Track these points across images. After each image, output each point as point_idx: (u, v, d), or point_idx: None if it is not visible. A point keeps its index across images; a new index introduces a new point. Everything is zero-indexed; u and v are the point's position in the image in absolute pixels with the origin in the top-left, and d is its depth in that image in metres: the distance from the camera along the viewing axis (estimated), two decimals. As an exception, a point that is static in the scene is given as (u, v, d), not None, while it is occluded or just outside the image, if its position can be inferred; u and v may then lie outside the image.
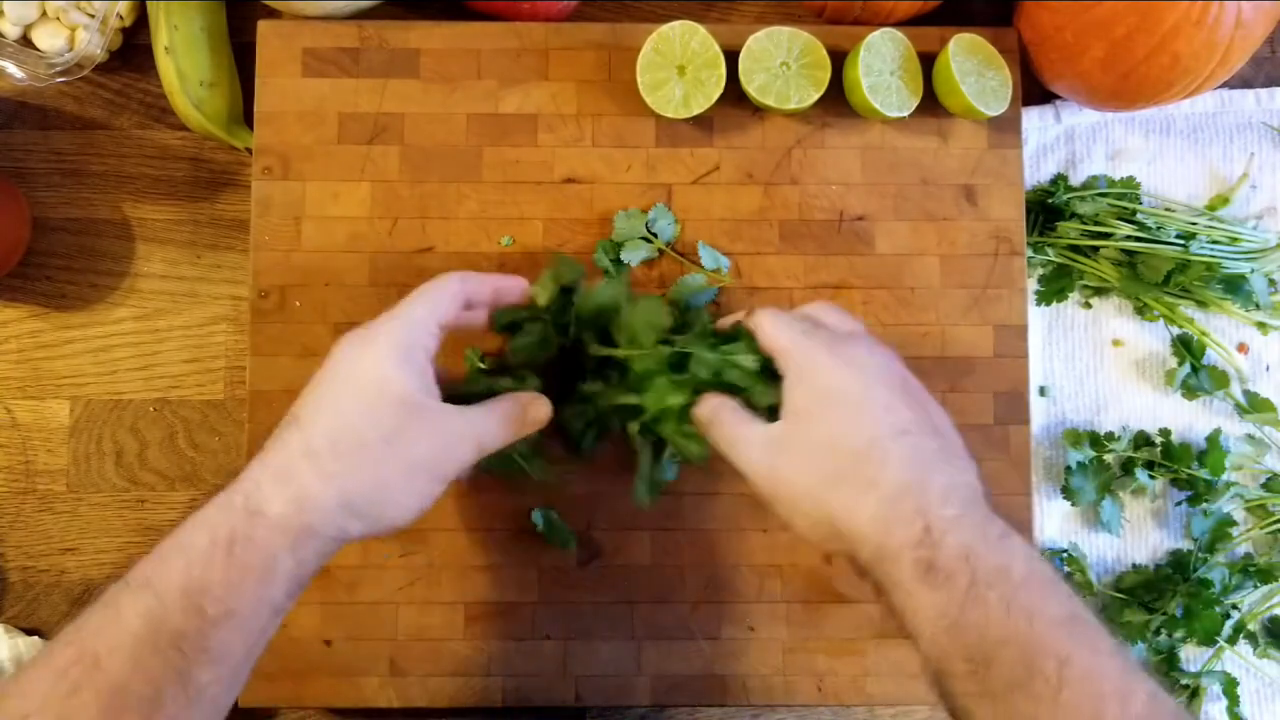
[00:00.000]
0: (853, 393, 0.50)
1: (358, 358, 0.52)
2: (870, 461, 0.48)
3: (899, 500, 0.46)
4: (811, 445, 0.50)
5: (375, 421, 0.50)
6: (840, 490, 0.48)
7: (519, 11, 0.70)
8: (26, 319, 0.71)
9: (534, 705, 0.66)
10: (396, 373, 0.51)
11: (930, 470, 0.47)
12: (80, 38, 0.67)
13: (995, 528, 0.46)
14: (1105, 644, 0.43)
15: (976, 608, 0.43)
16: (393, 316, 0.53)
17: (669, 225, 0.68)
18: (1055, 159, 0.74)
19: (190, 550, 0.46)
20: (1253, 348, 0.73)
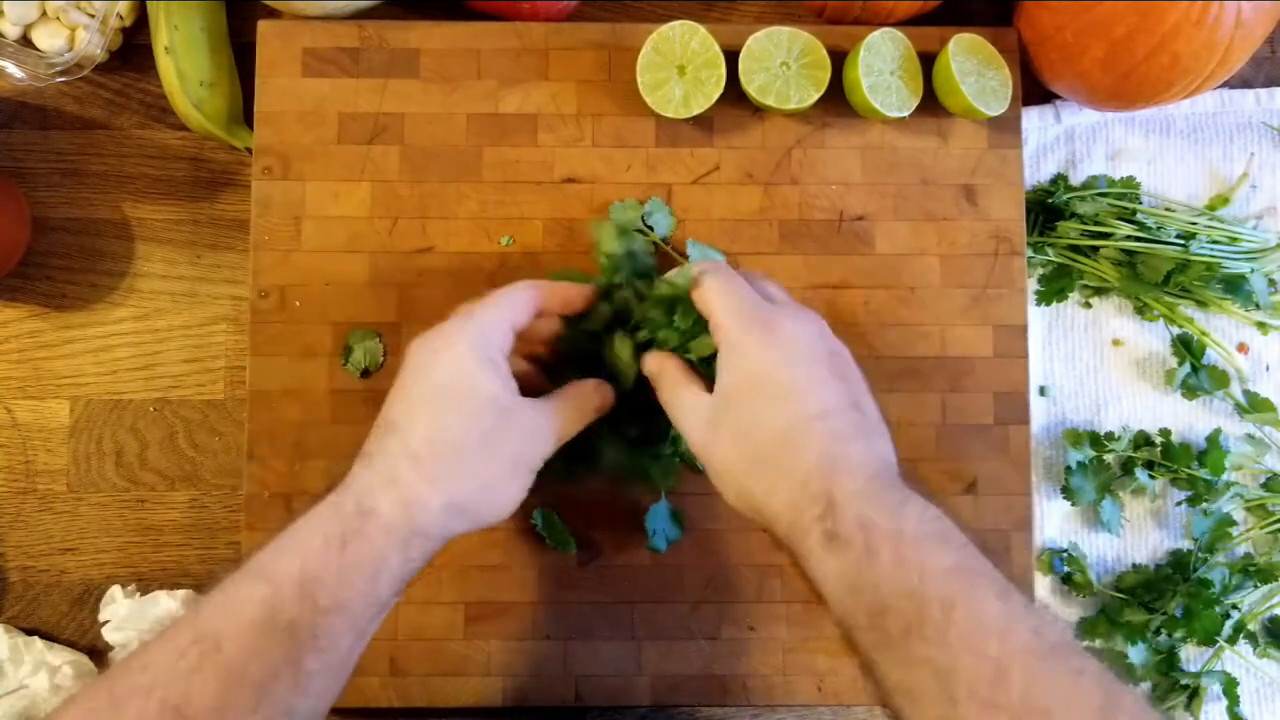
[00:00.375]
0: (778, 379, 0.52)
1: (442, 362, 0.53)
2: (789, 449, 0.51)
3: (810, 482, 0.50)
4: (737, 429, 0.52)
5: (470, 424, 0.52)
6: (761, 476, 0.51)
7: (519, 11, 0.70)
8: (26, 319, 0.71)
9: (534, 705, 0.66)
10: (482, 375, 0.53)
11: (842, 449, 0.50)
12: (80, 38, 0.67)
13: (894, 495, 0.49)
14: (990, 589, 0.46)
15: (872, 568, 0.47)
16: (469, 319, 0.55)
17: (665, 219, 0.68)
18: (1055, 159, 0.74)
19: (306, 546, 0.49)
20: (1253, 348, 0.73)
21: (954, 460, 0.68)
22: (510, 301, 0.56)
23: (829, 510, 0.49)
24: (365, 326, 0.68)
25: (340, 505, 0.51)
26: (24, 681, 0.66)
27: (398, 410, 0.53)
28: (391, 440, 0.52)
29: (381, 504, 0.50)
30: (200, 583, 0.70)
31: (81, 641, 0.70)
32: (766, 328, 0.53)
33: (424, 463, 0.51)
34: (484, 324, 0.55)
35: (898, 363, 0.69)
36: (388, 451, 0.52)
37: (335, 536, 0.49)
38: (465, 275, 0.68)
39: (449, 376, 0.53)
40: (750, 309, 0.54)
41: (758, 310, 0.54)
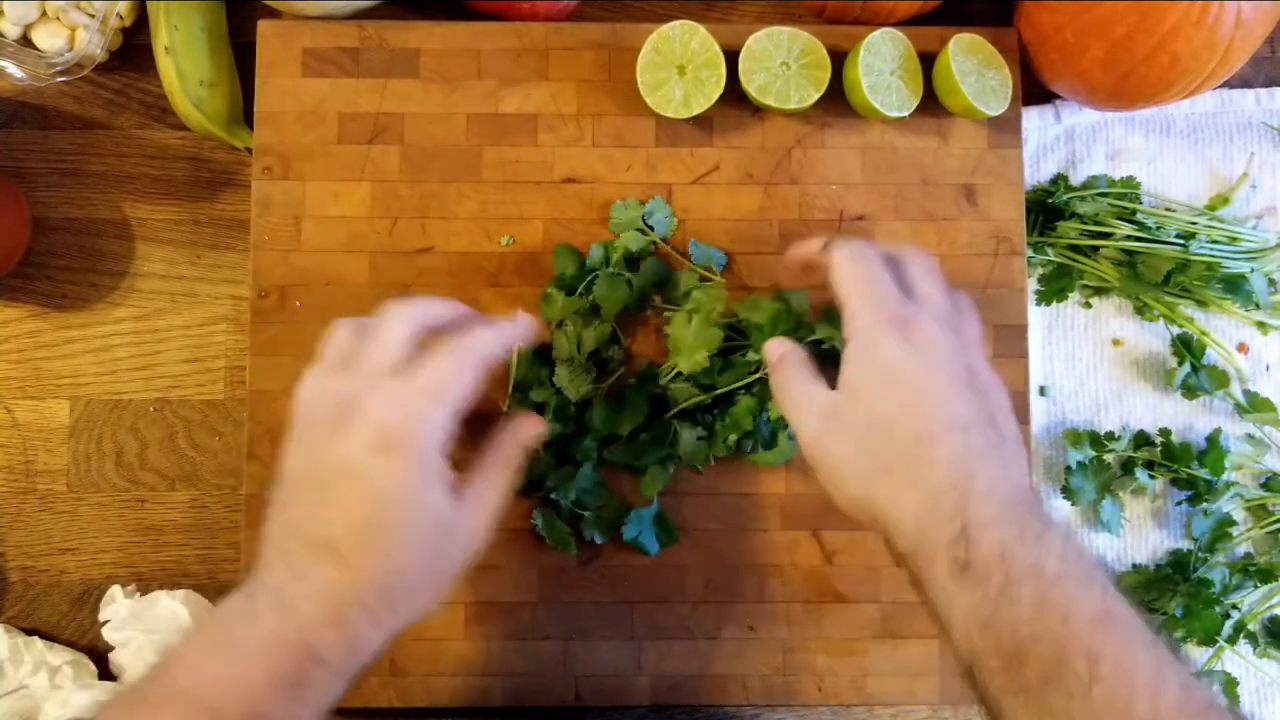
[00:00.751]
0: (912, 379, 0.49)
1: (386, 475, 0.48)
2: (919, 457, 0.48)
3: (941, 499, 0.46)
4: (862, 427, 0.50)
5: (417, 555, 0.49)
6: (885, 481, 0.48)
7: (519, 11, 0.70)
8: (26, 319, 0.71)
9: (534, 705, 0.66)
10: (428, 497, 0.49)
11: (977, 467, 0.47)
12: (80, 38, 0.67)
13: (1034, 525, 0.46)
14: (1138, 639, 0.43)
15: (1009, 606, 0.43)
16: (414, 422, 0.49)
17: (666, 219, 0.68)
18: (1055, 159, 0.74)
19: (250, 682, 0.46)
20: (1253, 348, 0.73)
21: (954, 460, 0.68)
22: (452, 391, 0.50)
23: (962, 535, 0.45)
24: (365, 326, 0.68)
25: (283, 635, 0.46)
26: (24, 681, 0.66)
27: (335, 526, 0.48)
28: (334, 571, 0.47)
29: (329, 649, 0.47)
30: (200, 583, 0.70)
31: (81, 641, 0.70)
32: (905, 326, 0.50)
33: (372, 608, 0.48)
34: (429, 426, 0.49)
35: (898, 363, 0.68)
36: (331, 583, 0.47)
37: (285, 677, 0.46)
38: (465, 275, 0.68)
39: (394, 498, 0.48)
40: (889, 301, 0.51)
41: (898, 306, 0.51)
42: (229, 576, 0.70)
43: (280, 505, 0.51)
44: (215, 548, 0.70)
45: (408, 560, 0.49)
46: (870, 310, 0.51)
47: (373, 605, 0.48)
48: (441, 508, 0.50)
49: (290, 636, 0.47)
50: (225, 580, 0.70)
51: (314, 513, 0.49)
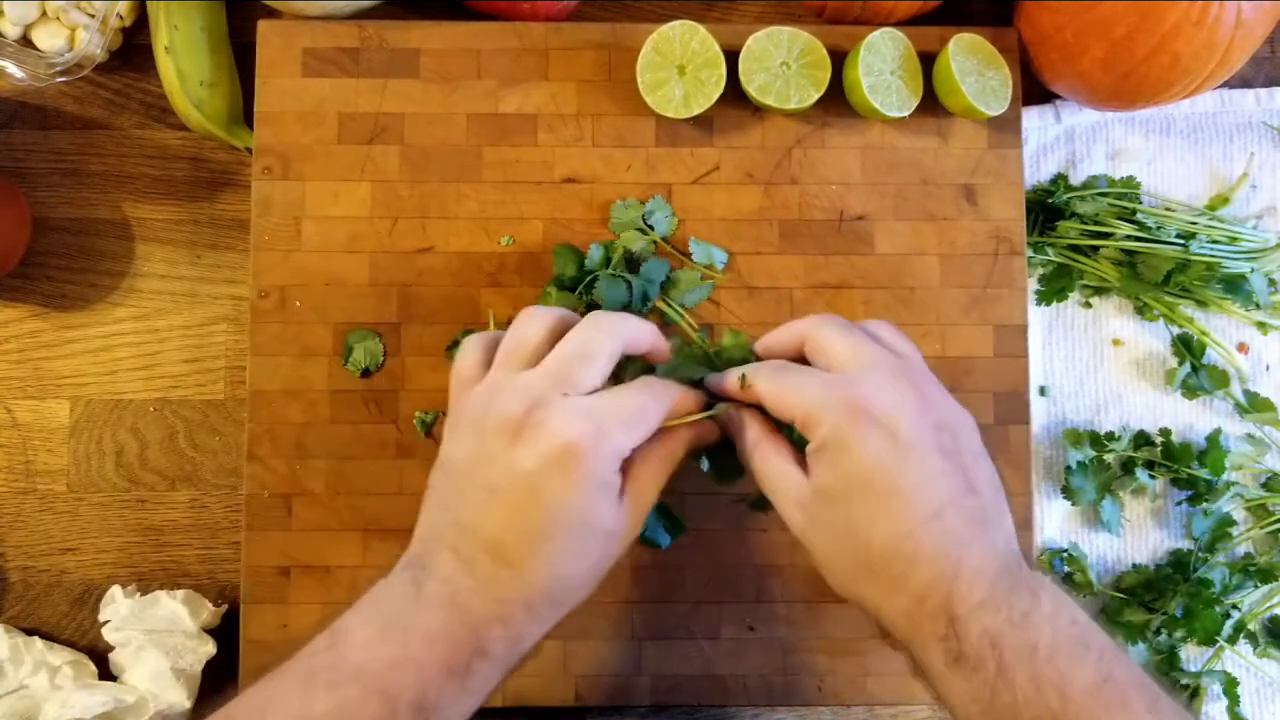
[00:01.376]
0: (883, 479, 0.47)
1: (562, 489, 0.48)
2: (900, 558, 0.46)
3: (927, 596, 0.46)
4: (840, 531, 0.48)
5: (585, 563, 0.50)
6: (870, 582, 0.48)
7: (519, 11, 0.70)
8: (26, 319, 0.71)
9: (534, 705, 0.66)
10: (602, 510, 0.49)
11: (961, 553, 0.46)
12: (80, 38, 0.67)
13: (1023, 599, 0.45)
14: (1139, 702, 0.43)
15: (1006, 691, 0.43)
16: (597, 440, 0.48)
17: (666, 219, 0.68)
18: (1055, 159, 0.74)
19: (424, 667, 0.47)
20: (1253, 348, 0.73)
21: (954, 460, 0.68)
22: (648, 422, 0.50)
23: (951, 628, 0.45)
24: (365, 326, 0.68)
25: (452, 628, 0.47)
26: (24, 681, 0.66)
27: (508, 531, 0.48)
28: (505, 573, 0.48)
29: (495, 643, 0.48)
30: (200, 583, 0.70)
31: (81, 641, 0.70)
32: (860, 414, 0.47)
33: (538, 611, 0.49)
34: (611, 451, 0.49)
35: (898, 363, 0.68)
36: (501, 584, 0.48)
37: (455, 667, 0.47)
38: (465, 275, 0.68)
39: (567, 513, 0.48)
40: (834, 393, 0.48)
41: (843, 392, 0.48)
42: (229, 576, 0.70)
43: (446, 496, 0.51)
44: (215, 548, 0.70)
45: (575, 571, 0.50)
46: (820, 407, 0.48)
47: (539, 609, 0.49)
48: (610, 517, 0.50)
49: (459, 630, 0.48)
50: (225, 580, 0.70)
51: (487, 514, 0.49)
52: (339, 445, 0.67)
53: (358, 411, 0.67)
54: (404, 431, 0.67)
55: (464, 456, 0.51)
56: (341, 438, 0.67)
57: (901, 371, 0.50)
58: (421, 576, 0.49)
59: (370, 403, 0.67)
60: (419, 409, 0.67)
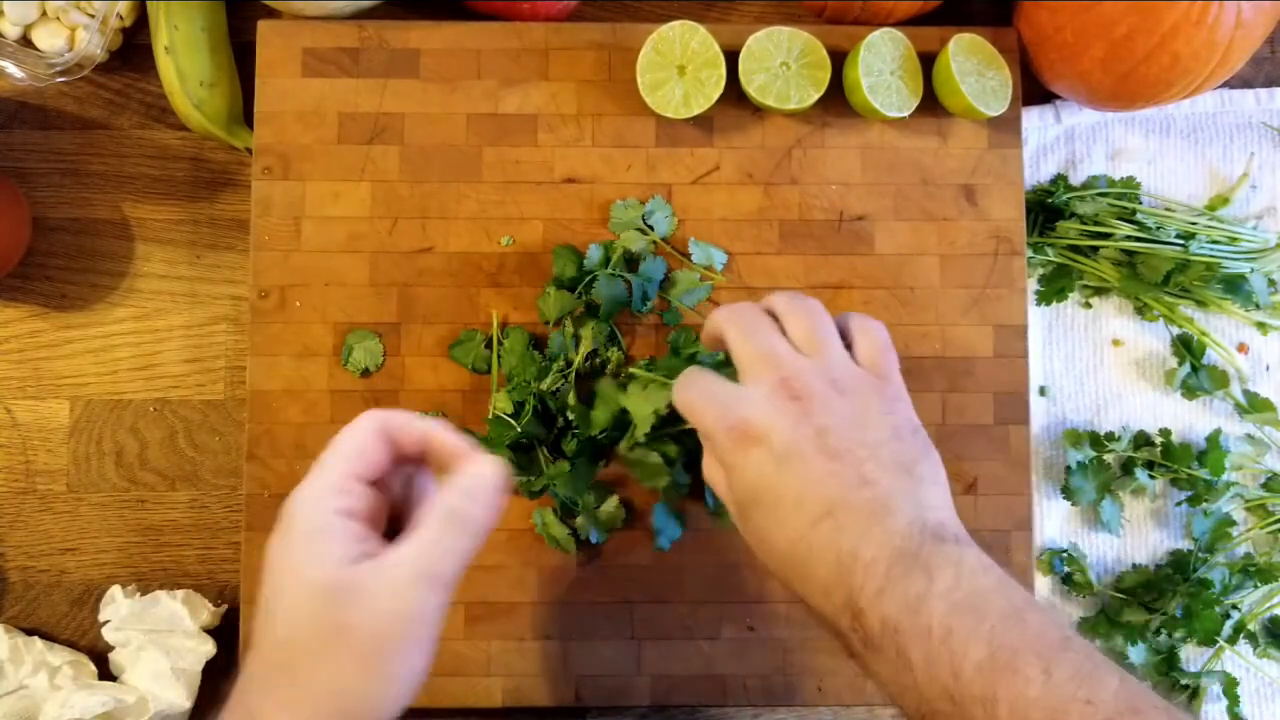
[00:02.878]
0: (766, 492, 0.49)
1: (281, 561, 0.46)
2: (800, 562, 0.49)
3: (831, 593, 0.48)
4: (754, 540, 0.51)
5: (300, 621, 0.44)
6: (789, 582, 0.50)
7: (519, 11, 0.70)
8: (26, 319, 0.71)
9: (534, 705, 0.66)
10: (312, 558, 0.45)
11: (853, 546, 0.47)
12: (80, 38, 0.67)
13: (916, 583, 0.45)
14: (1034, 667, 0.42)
15: (908, 673, 0.45)
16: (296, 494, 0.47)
17: (666, 219, 0.68)
18: (1055, 159, 0.74)
19: None
20: (1253, 348, 0.73)
21: (954, 460, 0.68)
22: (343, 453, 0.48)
23: (856, 620, 0.46)
24: (365, 326, 0.68)
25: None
26: (24, 681, 0.66)
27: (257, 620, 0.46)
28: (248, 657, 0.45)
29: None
30: (200, 583, 0.70)
31: (81, 641, 0.70)
32: (739, 433, 0.50)
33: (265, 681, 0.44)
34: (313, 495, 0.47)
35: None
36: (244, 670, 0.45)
37: None
38: (465, 275, 0.68)
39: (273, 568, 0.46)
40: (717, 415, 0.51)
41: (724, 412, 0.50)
42: (229, 576, 0.70)
43: None
44: (215, 548, 0.70)
45: (288, 626, 0.44)
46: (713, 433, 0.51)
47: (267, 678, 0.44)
48: (333, 569, 0.44)
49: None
50: (225, 580, 0.70)
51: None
52: (339, 445, 0.67)
53: (358, 411, 0.66)
54: (404, 431, 0.67)
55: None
56: (341, 438, 0.67)
57: (786, 381, 0.50)
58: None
59: (370, 403, 0.67)
60: (419, 409, 0.67)
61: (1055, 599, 0.71)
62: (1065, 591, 0.71)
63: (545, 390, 0.65)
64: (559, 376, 0.65)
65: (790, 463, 0.49)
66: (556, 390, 0.65)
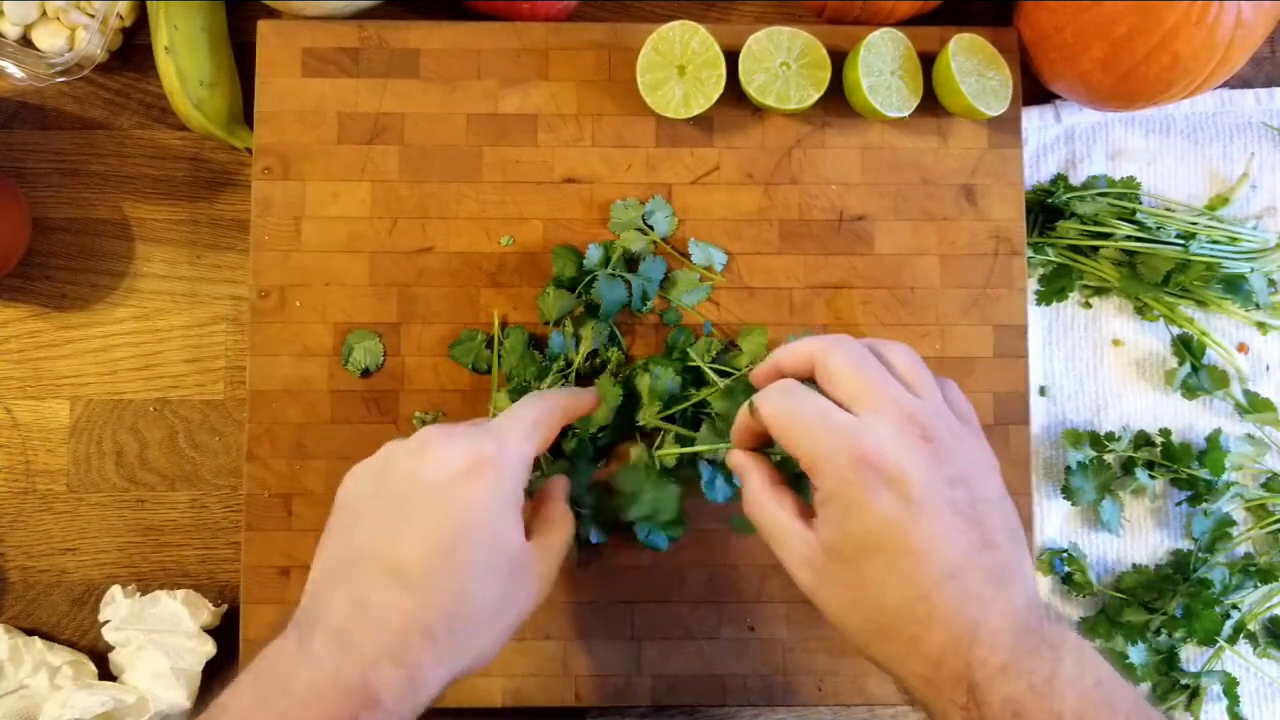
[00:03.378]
0: (895, 538, 0.44)
1: (469, 497, 0.47)
2: (914, 621, 0.44)
3: (944, 662, 0.44)
4: (852, 592, 0.46)
5: (489, 589, 0.47)
6: (885, 644, 0.46)
7: (519, 11, 0.70)
8: (26, 319, 0.71)
9: (534, 705, 0.66)
10: (507, 527, 0.48)
11: (979, 615, 0.44)
12: (80, 38, 0.67)
13: (1045, 661, 0.43)
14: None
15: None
16: (499, 442, 0.49)
17: (666, 219, 0.68)
18: (1055, 159, 0.74)
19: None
20: (1253, 348, 0.73)
21: (954, 460, 0.68)
22: (544, 422, 0.52)
23: (971, 696, 0.43)
24: (365, 326, 0.68)
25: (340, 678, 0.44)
26: (24, 681, 0.66)
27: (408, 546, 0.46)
28: (400, 596, 0.46)
29: (388, 689, 0.44)
30: (200, 583, 0.70)
31: (81, 642, 0.70)
32: (868, 468, 0.45)
33: (438, 641, 0.46)
34: (517, 456, 0.49)
35: (898, 363, 0.69)
36: (396, 610, 0.45)
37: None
38: (465, 275, 0.68)
39: (475, 521, 0.47)
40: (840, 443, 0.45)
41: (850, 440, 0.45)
42: (229, 576, 0.70)
43: (344, 530, 0.49)
44: (215, 548, 0.70)
45: (479, 591, 0.47)
46: (826, 459, 0.46)
47: (438, 636, 0.46)
48: (518, 542, 0.48)
49: (346, 680, 0.44)
50: (225, 580, 0.70)
51: (385, 531, 0.47)
52: (339, 445, 0.67)
53: (358, 411, 0.67)
54: (404, 431, 0.67)
55: (367, 485, 0.50)
56: (341, 438, 0.67)
57: (913, 418, 0.46)
58: (307, 630, 0.46)
59: (370, 403, 0.67)
60: (419, 409, 0.67)
61: (1055, 599, 0.71)
62: (1065, 591, 0.71)
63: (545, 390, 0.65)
64: (559, 376, 0.65)
65: (923, 512, 0.44)
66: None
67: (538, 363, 0.66)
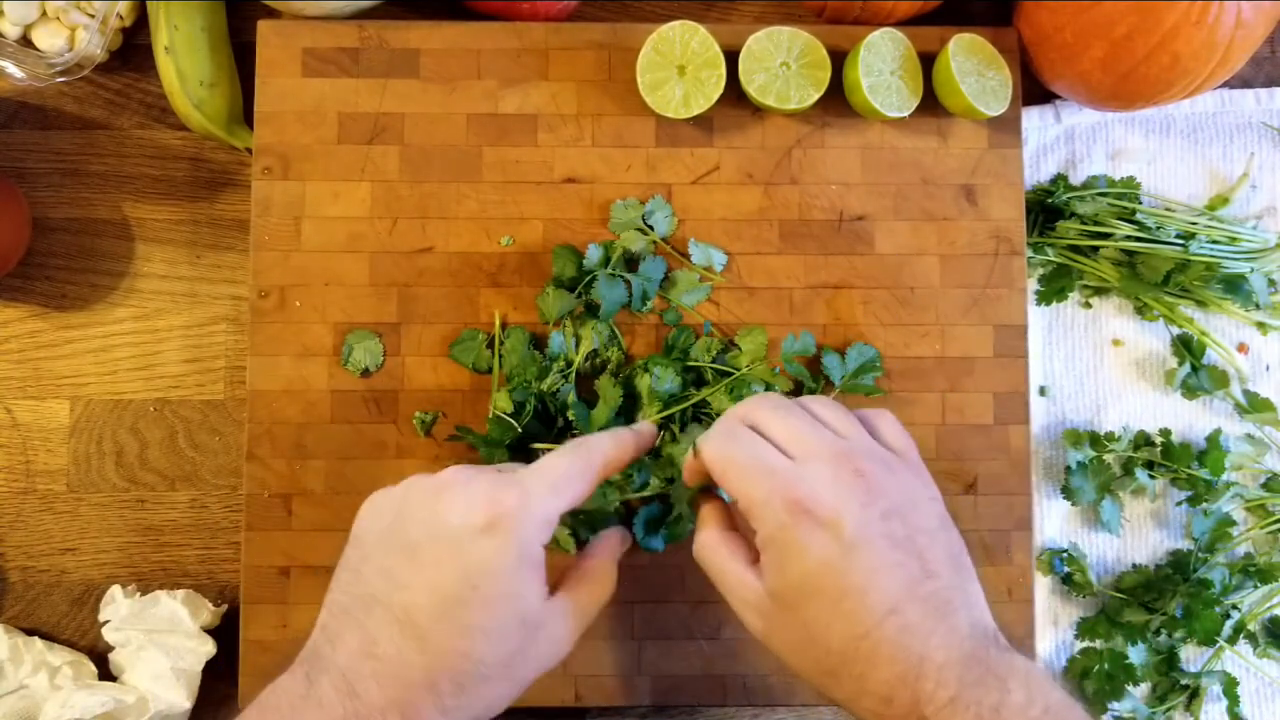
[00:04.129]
0: (830, 580, 0.45)
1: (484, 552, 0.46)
2: (858, 660, 0.45)
3: (893, 697, 0.44)
4: (796, 635, 0.47)
5: (500, 645, 0.46)
6: (835, 685, 0.46)
7: (519, 11, 0.70)
8: (26, 319, 0.71)
9: (534, 705, 0.66)
10: (525, 581, 0.47)
11: (922, 647, 0.44)
12: (80, 38, 0.67)
13: (990, 694, 0.43)
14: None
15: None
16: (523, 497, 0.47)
17: (666, 219, 0.68)
18: (1055, 159, 0.74)
19: None
20: (1253, 348, 0.73)
21: (954, 460, 0.68)
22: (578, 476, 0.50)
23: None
24: (365, 326, 0.68)
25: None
26: (24, 681, 0.66)
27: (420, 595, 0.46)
28: (409, 646, 0.45)
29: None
30: (200, 583, 0.70)
31: (81, 642, 0.70)
32: (802, 515, 0.46)
33: (443, 695, 0.45)
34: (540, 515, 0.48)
35: (898, 363, 0.69)
36: (404, 662, 0.45)
37: None
38: (465, 275, 0.68)
39: (486, 578, 0.46)
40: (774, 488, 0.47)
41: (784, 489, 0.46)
42: (229, 576, 0.70)
43: (357, 570, 0.48)
44: (215, 548, 0.70)
45: (489, 650, 0.46)
46: (763, 507, 0.47)
47: (444, 691, 0.45)
48: (533, 602, 0.47)
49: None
50: (225, 580, 0.70)
51: (402, 576, 0.47)
52: (339, 445, 0.67)
53: (357, 411, 0.67)
54: (403, 431, 0.67)
55: (382, 521, 0.49)
56: (341, 438, 0.67)
57: (846, 456, 0.47)
58: (315, 670, 0.46)
59: (370, 403, 0.67)
60: (418, 409, 0.67)
61: (1055, 599, 0.71)
62: (1065, 591, 0.71)
63: (545, 390, 0.65)
64: (559, 376, 0.65)
65: (858, 550, 0.45)
66: (557, 390, 0.65)
67: (538, 363, 0.66)
